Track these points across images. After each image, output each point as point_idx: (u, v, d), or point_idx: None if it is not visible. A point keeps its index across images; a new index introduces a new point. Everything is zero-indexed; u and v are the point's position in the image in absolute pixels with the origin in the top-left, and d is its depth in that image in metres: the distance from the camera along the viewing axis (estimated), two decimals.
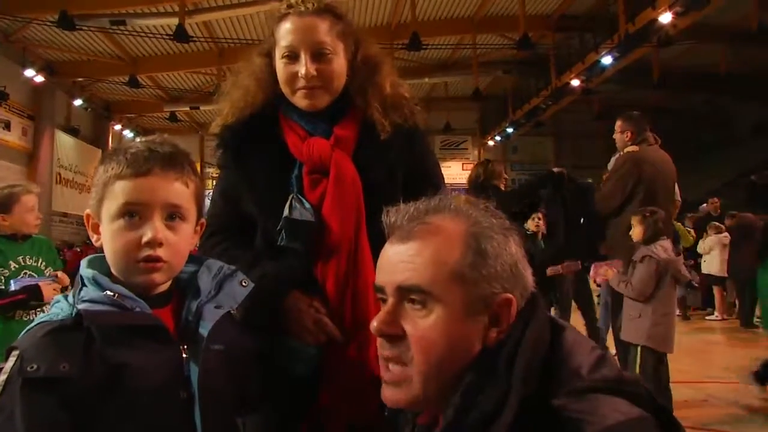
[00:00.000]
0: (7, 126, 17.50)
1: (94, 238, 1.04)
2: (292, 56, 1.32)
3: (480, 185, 4.54)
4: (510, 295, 0.83)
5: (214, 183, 1.47)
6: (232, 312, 1.10)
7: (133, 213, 0.98)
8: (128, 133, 21.68)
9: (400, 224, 0.87)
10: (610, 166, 4.44)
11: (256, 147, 1.35)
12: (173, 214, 1.01)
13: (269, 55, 1.40)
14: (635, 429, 0.70)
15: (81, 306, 0.93)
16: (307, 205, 1.28)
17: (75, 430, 0.87)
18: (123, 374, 0.90)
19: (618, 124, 4.26)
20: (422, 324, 0.80)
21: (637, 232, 3.66)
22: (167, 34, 13.63)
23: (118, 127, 21.77)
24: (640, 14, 11.76)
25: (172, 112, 20.17)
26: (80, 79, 18.76)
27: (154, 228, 0.98)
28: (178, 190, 1.02)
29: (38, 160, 18.70)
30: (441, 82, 20.09)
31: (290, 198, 1.29)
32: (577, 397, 0.72)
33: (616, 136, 4.24)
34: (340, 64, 1.35)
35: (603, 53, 13.08)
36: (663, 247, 3.58)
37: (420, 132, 1.45)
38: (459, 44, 17.32)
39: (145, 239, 0.97)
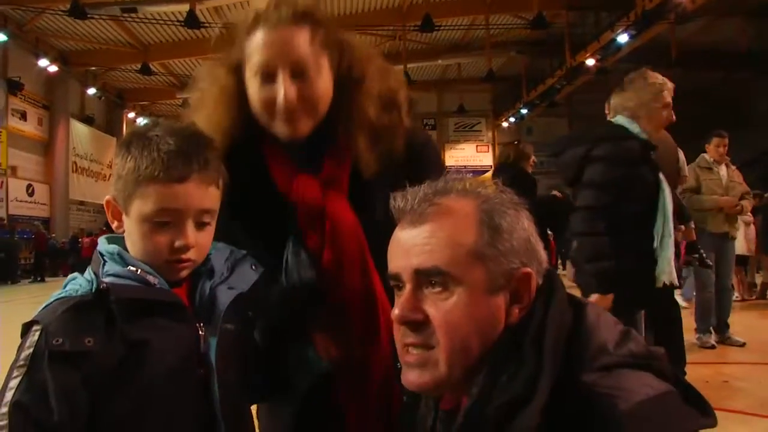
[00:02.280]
0: (23, 116, 17.70)
1: (114, 224, 1.03)
2: (266, 76, 1.10)
3: (508, 166, 4.46)
4: (529, 270, 0.82)
5: None
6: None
7: (165, 217, 0.97)
8: (142, 121, 21.78)
9: (409, 208, 0.85)
10: None
11: (241, 183, 1.14)
12: (204, 218, 1.00)
13: (237, 71, 1.17)
14: (666, 403, 0.70)
15: (107, 279, 0.93)
16: (303, 256, 1.16)
17: (93, 407, 0.88)
18: (142, 351, 0.91)
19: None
20: (444, 306, 0.79)
21: None
22: (178, 21, 13.66)
23: (131, 114, 21.91)
24: None
25: (185, 99, 20.21)
26: (93, 68, 18.88)
27: (186, 234, 0.97)
28: (212, 195, 1.01)
29: (54, 149, 18.92)
30: (454, 64, 19.94)
31: (285, 254, 1.17)
32: (607, 373, 0.72)
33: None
34: (324, 81, 1.14)
35: (619, 31, 12.87)
36: None
37: (420, 154, 1.25)
38: (472, 25, 17.14)
39: (177, 244, 0.97)
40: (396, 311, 0.82)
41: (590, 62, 14.49)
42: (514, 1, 15.64)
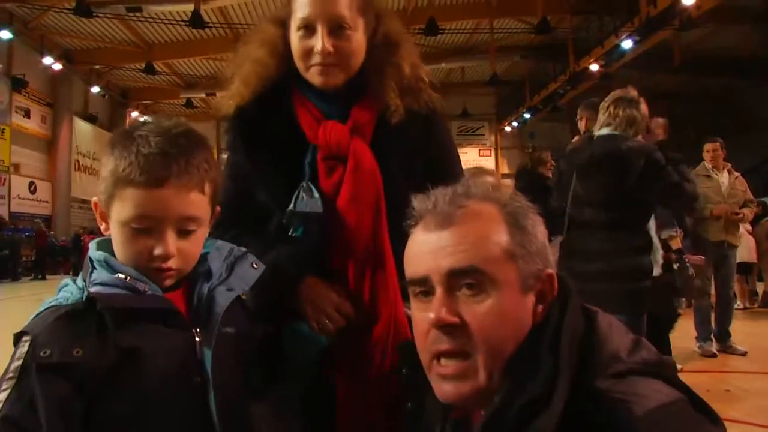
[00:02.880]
0: (27, 114, 17.72)
1: (102, 226, 1.01)
2: (308, 29, 1.23)
3: (528, 173, 4.69)
4: (552, 271, 0.83)
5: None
6: (242, 297, 1.08)
7: (144, 224, 0.93)
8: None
9: (433, 211, 0.85)
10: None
11: (267, 129, 1.28)
12: (187, 225, 0.96)
13: (283, 25, 1.30)
14: (678, 410, 0.71)
15: (93, 289, 0.91)
16: (316, 195, 1.22)
17: (88, 416, 0.86)
18: (136, 359, 0.89)
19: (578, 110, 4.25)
20: (481, 309, 0.78)
21: None
22: (183, 20, 13.68)
23: (135, 113, 21.95)
24: None
25: (188, 99, 20.30)
26: (97, 67, 18.91)
27: (166, 242, 0.93)
28: (194, 201, 0.95)
29: (57, 147, 18.95)
30: (458, 68, 19.95)
31: (299, 187, 1.23)
32: (620, 380, 0.72)
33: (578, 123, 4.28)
34: (358, 40, 1.26)
35: (623, 37, 12.86)
36: None
37: (439, 118, 1.38)
38: (476, 29, 17.15)
39: (156, 252, 0.93)
40: (432, 315, 0.79)
41: (594, 67, 14.48)
42: (518, 5, 15.65)
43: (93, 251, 0.98)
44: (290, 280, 1.20)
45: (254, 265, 1.08)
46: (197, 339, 0.96)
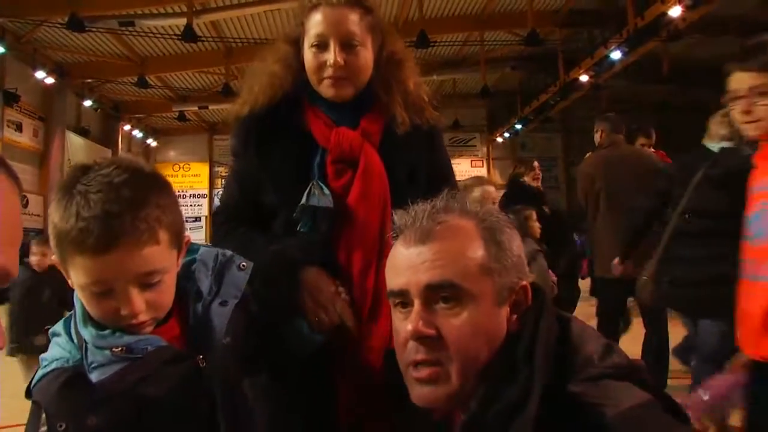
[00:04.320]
0: (19, 127, 17.64)
1: (69, 281, 0.93)
2: (321, 45, 1.34)
3: (510, 182, 5.00)
4: (526, 283, 0.88)
5: (226, 172, 1.45)
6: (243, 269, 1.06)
7: (101, 288, 0.88)
8: (138, 133, 21.79)
9: (412, 226, 0.88)
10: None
11: (278, 133, 1.36)
12: (149, 279, 0.90)
13: (296, 44, 1.42)
14: (648, 411, 0.74)
15: (93, 377, 0.90)
16: (327, 192, 1.28)
17: None
18: (145, 404, 0.90)
19: (595, 124, 4.46)
20: (456, 322, 0.82)
21: None
22: (175, 35, 13.69)
23: (127, 127, 21.90)
24: (649, 8, 11.67)
25: (181, 112, 20.25)
26: (90, 80, 18.87)
27: (130, 302, 0.88)
28: (149, 256, 0.88)
29: (49, 161, 18.84)
30: (449, 79, 20.03)
31: (310, 185, 1.29)
32: (593, 384, 0.76)
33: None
34: (367, 56, 1.36)
35: (612, 48, 12.99)
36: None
37: (439, 133, 1.49)
38: (467, 41, 17.25)
39: (123, 313, 0.89)
40: (409, 326, 0.83)
41: (584, 78, 14.60)
42: (508, 18, 15.77)
43: (81, 328, 0.94)
44: (295, 264, 1.23)
45: (241, 266, 1.07)
46: (202, 365, 0.96)
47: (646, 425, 0.72)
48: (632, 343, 4.19)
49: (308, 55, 1.36)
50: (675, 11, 10.81)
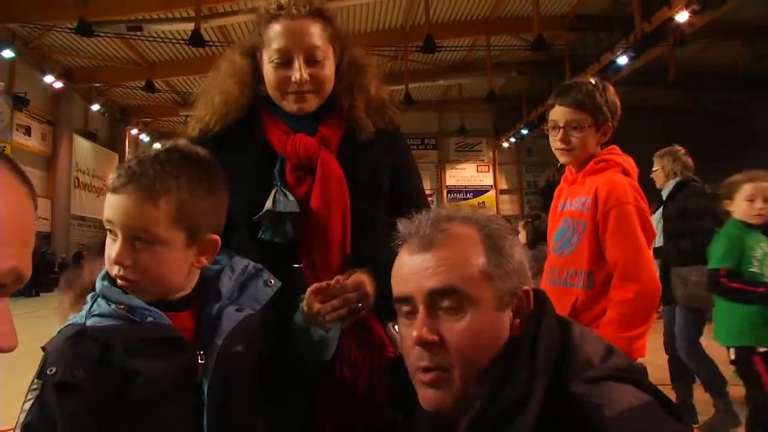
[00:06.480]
0: (28, 131, 17.82)
1: None
2: (284, 60, 1.29)
3: (553, 186, 4.88)
4: (528, 288, 0.89)
5: None
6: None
7: (108, 227, 0.99)
8: (144, 137, 21.97)
9: (416, 234, 0.90)
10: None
11: (236, 144, 1.34)
12: (142, 235, 0.96)
13: (253, 56, 1.37)
14: (647, 412, 0.76)
15: (89, 322, 0.95)
16: (291, 198, 1.27)
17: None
18: (136, 382, 0.91)
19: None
20: (458, 327, 0.84)
21: (521, 237, 3.98)
22: (183, 39, 13.82)
23: (134, 131, 22.06)
24: (656, 13, 11.68)
25: (187, 116, 20.34)
26: (97, 85, 19.05)
27: (116, 249, 0.96)
28: (147, 214, 0.96)
29: (57, 164, 19.01)
30: (455, 84, 20.12)
31: (274, 191, 1.28)
32: (594, 385, 0.77)
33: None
34: (330, 68, 1.34)
35: (618, 53, 13.00)
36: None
37: (400, 135, 1.49)
38: (473, 46, 17.33)
39: (112, 256, 0.98)
40: (414, 333, 0.85)
41: None
42: (514, 22, 15.84)
43: (97, 281, 1.01)
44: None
45: (268, 283, 1.09)
46: (200, 361, 0.97)
47: (645, 425, 0.74)
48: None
49: (269, 69, 1.31)
50: (682, 16, 10.82)
